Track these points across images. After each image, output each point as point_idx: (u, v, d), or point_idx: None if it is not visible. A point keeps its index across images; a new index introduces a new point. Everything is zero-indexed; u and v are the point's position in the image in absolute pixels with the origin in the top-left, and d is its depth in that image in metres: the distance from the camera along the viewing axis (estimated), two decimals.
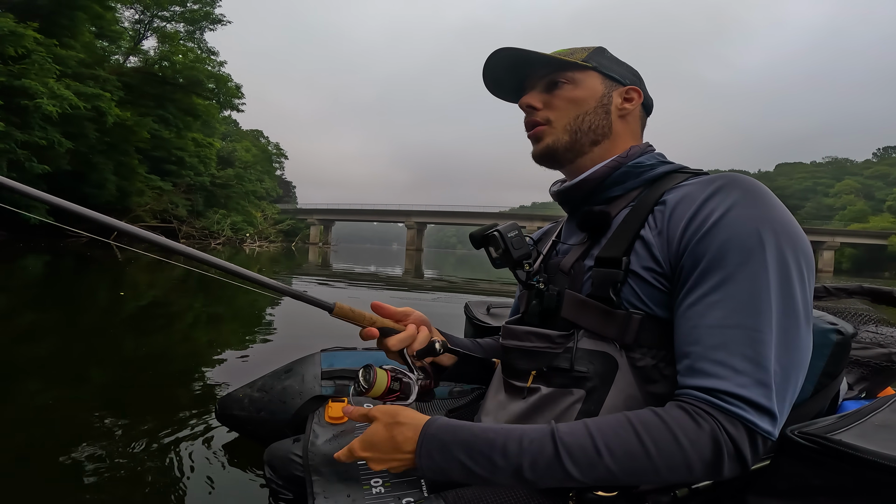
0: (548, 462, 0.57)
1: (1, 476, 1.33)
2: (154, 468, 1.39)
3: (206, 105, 27.05)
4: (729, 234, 0.59)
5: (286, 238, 48.30)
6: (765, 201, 0.61)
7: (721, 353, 0.56)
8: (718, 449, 0.54)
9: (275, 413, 1.24)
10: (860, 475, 0.52)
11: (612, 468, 0.55)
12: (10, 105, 14.36)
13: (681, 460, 0.54)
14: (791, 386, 0.56)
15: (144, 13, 26.17)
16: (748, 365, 0.55)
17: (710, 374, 0.56)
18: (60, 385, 2.18)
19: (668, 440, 0.55)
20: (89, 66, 19.13)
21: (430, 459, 0.62)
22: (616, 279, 0.67)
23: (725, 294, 0.57)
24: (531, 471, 0.57)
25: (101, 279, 6.68)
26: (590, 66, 0.79)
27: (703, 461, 0.54)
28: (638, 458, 0.55)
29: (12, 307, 4.34)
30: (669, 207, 0.67)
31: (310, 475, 0.81)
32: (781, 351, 0.55)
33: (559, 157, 0.82)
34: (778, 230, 0.59)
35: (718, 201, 0.61)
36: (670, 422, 0.56)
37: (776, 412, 0.54)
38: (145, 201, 24.95)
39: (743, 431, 0.54)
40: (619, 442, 0.56)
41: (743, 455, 0.54)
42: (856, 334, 0.95)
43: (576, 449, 0.56)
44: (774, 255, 0.57)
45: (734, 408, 0.54)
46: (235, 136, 54.22)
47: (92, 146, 19.24)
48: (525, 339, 0.77)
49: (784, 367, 0.55)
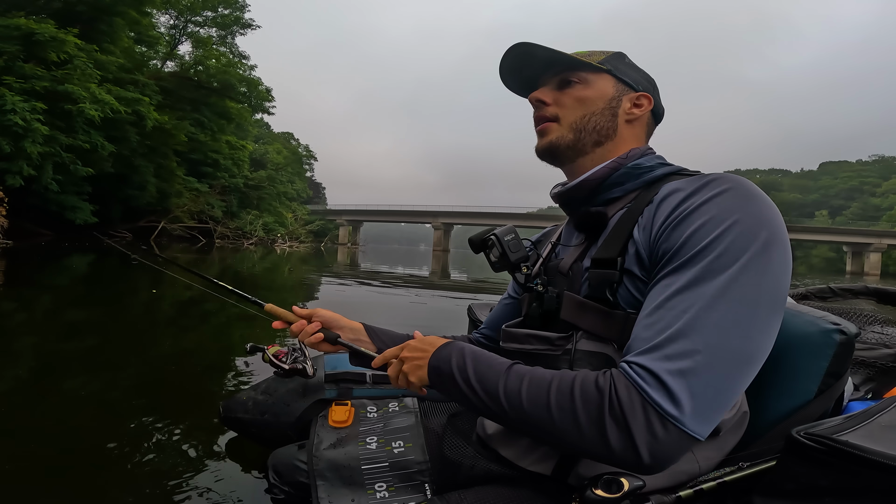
0: (494, 376, 0.63)
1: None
2: (156, 469, 1.39)
3: (239, 108, 27.65)
4: (700, 221, 0.59)
5: (316, 238, 49.10)
6: (747, 196, 0.60)
7: (649, 331, 0.56)
8: (601, 407, 0.53)
9: (278, 416, 1.24)
10: (867, 476, 0.51)
11: (524, 398, 0.59)
12: (54, 110, 14.93)
13: (569, 410, 0.55)
14: (716, 373, 0.52)
15: (179, 18, 27.12)
16: (665, 341, 0.54)
17: (632, 348, 0.57)
18: (86, 381, 2.22)
19: (567, 387, 0.57)
20: (129, 71, 19.79)
21: (435, 362, 0.68)
22: (612, 279, 0.67)
23: (678, 276, 0.58)
24: (479, 382, 0.64)
25: (140, 278, 6.90)
26: (603, 69, 0.80)
27: (589, 416, 0.54)
28: (541, 395, 0.58)
29: (60, 304, 4.49)
30: (656, 204, 0.67)
31: (315, 480, 0.82)
32: (715, 336, 0.53)
33: (560, 155, 0.82)
34: (749, 221, 0.58)
35: (702, 194, 0.62)
36: (578, 375, 0.58)
37: (679, 394, 0.51)
38: (183, 202, 25.74)
39: (635, 398, 0.52)
40: (538, 379, 0.60)
41: (629, 424, 0.51)
42: (859, 334, 0.92)
43: (513, 375, 0.62)
44: (737, 243, 0.56)
45: (634, 374, 0.53)
46: (267, 138, 55.56)
47: (134, 149, 19.93)
48: (525, 342, 0.79)
49: (713, 352, 0.52)
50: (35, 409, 1.84)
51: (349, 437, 0.92)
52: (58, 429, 1.66)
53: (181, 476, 1.35)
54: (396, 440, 0.88)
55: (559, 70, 0.81)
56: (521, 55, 0.83)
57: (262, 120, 47.98)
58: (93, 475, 1.35)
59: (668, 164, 0.78)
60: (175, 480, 1.33)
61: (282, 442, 1.12)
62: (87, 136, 16.31)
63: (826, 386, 0.74)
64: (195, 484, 1.32)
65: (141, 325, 3.71)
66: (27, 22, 14.64)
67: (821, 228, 63.10)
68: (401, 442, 0.88)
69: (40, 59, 15.04)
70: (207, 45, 26.66)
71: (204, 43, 26.68)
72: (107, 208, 20.56)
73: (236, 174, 31.31)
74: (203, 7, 26.49)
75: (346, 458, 0.85)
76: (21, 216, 15.14)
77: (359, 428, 0.95)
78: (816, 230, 61.67)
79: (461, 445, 0.83)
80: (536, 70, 0.84)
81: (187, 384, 2.30)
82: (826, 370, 0.73)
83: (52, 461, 1.42)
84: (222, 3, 27.22)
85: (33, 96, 14.41)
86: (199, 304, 4.82)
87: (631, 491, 0.61)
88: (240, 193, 32.09)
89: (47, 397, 1.99)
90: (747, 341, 0.54)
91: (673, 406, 0.51)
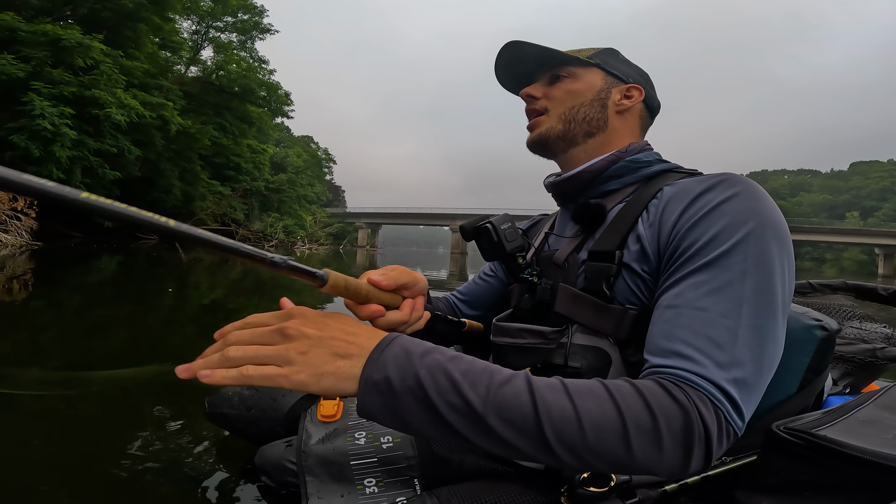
0: (518, 399, 0.48)
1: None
2: (141, 467, 1.35)
3: (259, 112, 28.00)
4: (720, 224, 0.59)
5: (335, 241, 49.53)
6: (758, 198, 0.61)
7: (687, 333, 0.54)
8: (689, 425, 0.49)
9: (265, 411, 1.20)
10: (846, 470, 0.52)
11: (583, 421, 0.47)
12: (82, 115, 15.26)
13: (651, 428, 0.48)
14: (759, 378, 0.53)
15: (200, 24, 27.61)
16: (712, 348, 0.53)
17: (677, 354, 0.54)
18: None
19: (639, 403, 0.49)
20: (154, 76, 20.18)
21: (381, 370, 0.48)
22: (609, 273, 0.67)
23: (704, 279, 0.57)
24: (497, 411, 0.47)
25: (167, 279, 6.89)
26: (592, 63, 0.81)
27: (674, 437, 0.48)
28: (608, 415, 0.48)
29: (89, 304, 4.51)
30: (663, 202, 0.67)
31: (304, 476, 0.80)
32: (751, 341, 0.53)
33: (551, 146, 0.83)
34: (767, 226, 0.59)
35: (714, 195, 0.62)
36: (641, 388, 0.51)
37: (738, 400, 0.51)
38: (207, 205, 26.18)
39: (713, 413, 0.50)
40: (590, 395, 0.49)
41: (710, 440, 0.49)
42: (840, 330, 0.92)
43: (548, 391, 0.49)
44: (760, 249, 0.57)
45: (705, 386, 0.51)
46: (287, 142, 56.45)
47: (159, 153, 20.32)
48: (518, 336, 0.76)
49: (752, 357, 0.53)
50: (53, 406, 1.79)
51: (338, 432, 0.90)
52: (69, 423, 1.64)
53: (167, 473, 1.32)
54: (385, 435, 0.86)
55: (550, 66, 0.84)
56: (512, 54, 0.85)
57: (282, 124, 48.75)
58: (98, 473, 1.30)
59: (665, 161, 0.79)
60: (160, 477, 1.29)
61: (269, 438, 1.08)
62: (114, 140, 16.65)
63: (807, 381, 0.74)
64: (183, 481, 1.29)
65: (165, 324, 3.70)
66: (54, 28, 14.94)
67: (851, 230, 61.40)
68: (389, 437, 0.86)
69: (68, 65, 15.41)
70: (228, 49, 27.12)
71: (225, 48, 27.16)
72: None
73: (257, 177, 31.75)
74: (223, 13, 26.94)
75: (335, 454, 0.84)
76: (53, 219, 15.55)
77: (347, 422, 0.93)
78: (847, 232, 60.14)
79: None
80: (529, 69, 0.86)
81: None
82: (807, 365, 0.73)
83: (53, 459, 1.37)
84: (242, 9, 27.65)
85: (62, 101, 14.74)
86: (223, 303, 4.76)
87: (618, 485, 0.62)
88: (261, 196, 32.55)
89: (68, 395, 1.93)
90: (777, 346, 0.56)
91: (738, 415, 0.51)
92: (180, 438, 1.54)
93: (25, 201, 12.91)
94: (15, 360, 2.40)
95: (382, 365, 0.48)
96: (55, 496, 1.19)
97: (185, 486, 1.27)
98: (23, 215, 12.91)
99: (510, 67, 0.88)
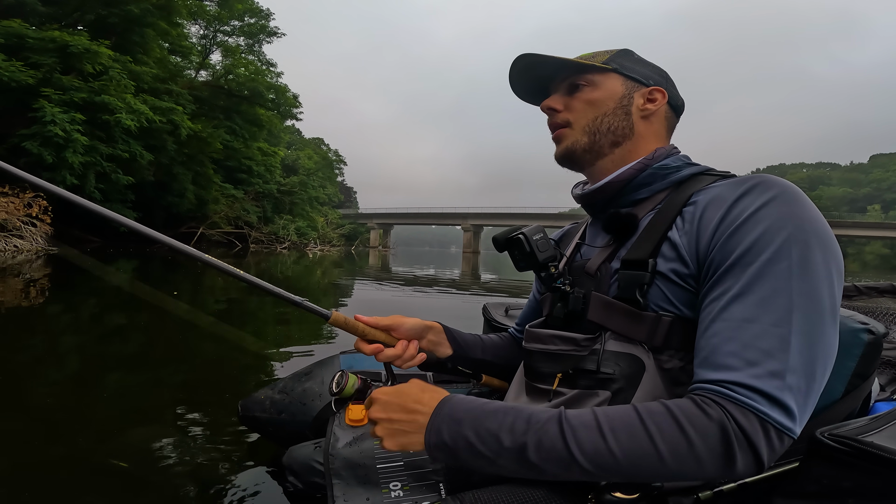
0: (552, 442, 0.56)
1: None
2: (174, 468, 1.41)
3: (269, 115, 28.05)
4: (759, 231, 0.59)
5: (347, 242, 49.71)
6: (797, 201, 0.60)
7: (736, 345, 0.55)
8: (727, 439, 0.52)
9: (295, 415, 1.24)
10: (891, 478, 0.51)
11: (617, 454, 0.54)
12: (93, 120, 15.41)
13: (686, 450, 0.53)
14: (813, 382, 0.54)
15: (208, 28, 27.85)
16: (763, 357, 0.54)
17: (723, 367, 0.55)
18: (122, 381, 2.25)
19: (673, 428, 0.53)
20: (163, 81, 20.34)
21: (437, 436, 0.61)
22: (643, 281, 0.67)
23: (748, 289, 0.57)
24: (535, 452, 0.56)
25: (182, 282, 6.97)
26: (609, 69, 0.79)
27: (712, 452, 0.52)
28: (642, 446, 0.53)
29: (105, 307, 4.62)
30: (700, 208, 0.66)
31: (330, 478, 0.82)
32: (802, 347, 0.54)
33: (578, 159, 0.82)
34: (808, 229, 0.58)
35: (750, 200, 0.61)
36: (676, 410, 0.54)
37: (791, 406, 0.52)
38: (220, 208, 26.37)
39: (755, 421, 0.52)
40: (623, 427, 0.54)
41: (756, 447, 0.52)
42: (887, 334, 0.86)
43: (581, 430, 0.55)
44: (802, 254, 0.57)
45: (744, 397, 0.53)
46: (298, 144, 56.74)
47: (172, 158, 20.50)
48: (549, 343, 0.78)
49: (804, 363, 0.54)
50: (72, 406, 1.86)
51: (365, 436, 0.91)
52: (96, 425, 1.70)
53: (200, 475, 1.37)
54: None
55: (566, 76, 0.82)
56: (524, 68, 0.83)
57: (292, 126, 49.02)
58: (113, 472, 1.36)
59: (694, 164, 0.77)
60: (191, 478, 1.34)
61: (298, 441, 1.12)
62: (126, 145, 16.78)
63: (853, 386, 0.72)
64: (212, 482, 1.33)
65: (181, 328, 3.75)
66: (61, 34, 15.09)
67: (873, 224, 60.09)
68: None
69: (78, 71, 15.56)
70: (236, 53, 27.27)
71: (233, 52, 27.33)
72: (150, 215, 21.19)
73: (269, 180, 31.93)
74: (230, 17, 27.06)
75: (362, 457, 0.85)
76: (70, 224, 15.70)
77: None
78: (869, 225, 59.03)
79: None
80: (545, 79, 0.85)
81: (223, 384, 2.31)
82: (853, 370, 0.72)
83: (76, 457, 1.43)
84: (248, 12, 27.76)
85: (72, 107, 14.89)
86: (239, 305, 4.83)
87: (648, 492, 0.61)
88: (273, 199, 32.70)
89: (87, 395, 2.02)
90: (830, 348, 0.56)
91: (789, 419, 0.52)
92: (211, 439, 1.59)
93: (40, 207, 13.04)
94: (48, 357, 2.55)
95: (438, 432, 0.62)
96: (85, 494, 1.24)
97: (213, 486, 1.30)
98: (38, 221, 13.04)
99: (525, 79, 0.86)
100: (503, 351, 1.04)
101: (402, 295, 6.83)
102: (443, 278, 10.43)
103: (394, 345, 0.84)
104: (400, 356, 0.84)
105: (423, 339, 0.91)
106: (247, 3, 27.33)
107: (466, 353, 0.97)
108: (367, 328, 0.82)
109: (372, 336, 0.83)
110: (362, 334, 0.82)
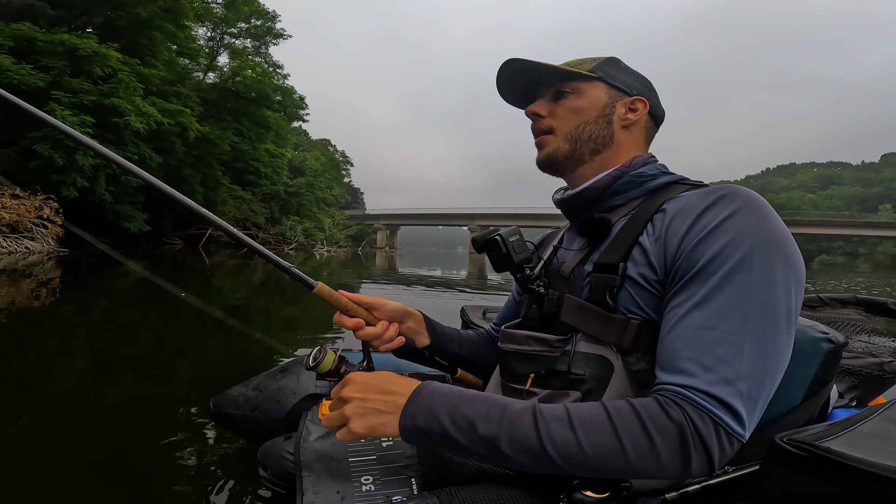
0: (526, 432, 0.57)
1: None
2: (147, 466, 1.42)
3: (276, 117, 28.14)
4: (722, 242, 0.60)
5: (354, 243, 49.75)
6: (760, 213, 0.62)
7: (694, 351, 0.58)
8: (685, 439, 0.54)
9: (269, 412, 1.24)
10: (849, 483, 0.52)
11: (585, 448, 0.56)
12: (103, 123, 15.51)
13: (648, 448, 0.55)
14: (762, 390, 0.57)
15: (215, 30, 27.93)
16: (717, 364, 0.56)
17: (681, 371, 0.58)
18: (130, 383, 2.24)
19: (637, 426, 0.56)
20: (172, 84, 20.42)
21: (412, 419, 0.61)
22: (613, 284, 0.69)
23: (709, 297, 0.59)
24: (509, 443, 0.57)
25: (191, 283, 7.02)
26: (595, 77, 0.81)
27: (671, 451, 0.55)
28: (609, 442, 0.56)
29: (114, 307, 4.69)
30: (669, 216, 0.68)
31: (300, 471, 0.82)
32: (755, 356, 0.56)
33: (559, 166, 0.84)
34: (770, 241, 0.60)
35: (716, 212, 0.63)
36: (641, 410, 0.57)
37: (741, 412, 0.55)
38: (228, 210, 26.49)
39: (710, 424, 0.55)
40: (592, 423, 0.57)
41: (709, 449, 0.55)
42: (846, 343, 0.90)
43: (553, 423, 0.57)
44: (763, 266, 0.59)
45: (702, 401, 0.55)
46: (305, 145, 56.99)
47: (181, 160, 20.60)
48: (524, 343, 0.79)
49: (755, 371, 0.56)
50: (74, 408, 1.85)
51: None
52: (73, 423, 1.69)
53: (174, 473, 1.37)
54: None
55: (553, 82, 0.83)
56: (511, 73, 0.85)
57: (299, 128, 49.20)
58: (109, 471, 1.36)
59: (670, 173, 0.79)
60: (168, 478, 1.34)
61: (272, 438, 1.12)
62: (135, 147, 16.86)
63: (811, 393, 0.75)
64: (186, 481, 1.33)
65: (186, 329, 3.75)
66: (70, 37, 15.19)
67: (885, 223, 58.97)
68: (389, 437, 0.84)
69: (87, 74, 15.65)
70: (243, 55, 27.36)
71: (240, 54, 27.41)
72: (160, 217, 21.31)
73: (277, 181, 32.03)
74: (236, 19, 27.13)
75: (334, 450, 0.85)
76: (81, 225, 15.83)
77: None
78: (881, 225, 58.06)
79: None
80: (532, 84, 0.87)
81: (224, 384, 2.27)
82: (812, 377, 0.74)
83: (54, 457, 1.42)
84: (254, 15, 27.83)
85: (82, 110, 14.99)
86: (245, 307, 4.90)
87: (618, 492, 0.64)
88: (280, 200, 32.82)
89: (94, 397, 2.01)
90: (782, 358, 0.58)
91: (739, 426, 0.55)
92: (182, 437, 1.58)
93: (51, 209, 13.14)
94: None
95: (413, 416, 0.61)
96: (59, 493, 1.23)
97: (185, 484, 1.30)
98: (49, 223, 13.15)
99: (512, 84, 0.88)
100: (479, 348, 1.05)
101: (405, 295, 6.79)
102: (452, 279, 10.35)
103: (374, 324, 0.84)
104: (379, 336, 0.83)
105: (404, 324, 0.91)
106: (253, 6, 27.39)
107: (443, 345, 0.98)
108: (350, 303, 0.82)
109: (354, 312, 0.82)
110: (344, 308, 0.81)
